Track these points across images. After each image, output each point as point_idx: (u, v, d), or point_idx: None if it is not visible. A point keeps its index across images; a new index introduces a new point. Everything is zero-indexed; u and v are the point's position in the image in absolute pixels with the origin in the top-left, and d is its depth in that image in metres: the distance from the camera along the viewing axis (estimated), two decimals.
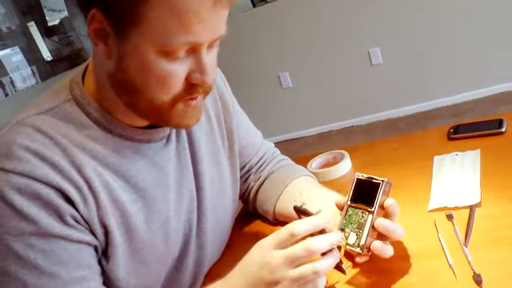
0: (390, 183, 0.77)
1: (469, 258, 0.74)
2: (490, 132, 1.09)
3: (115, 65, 0.70)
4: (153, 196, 0.80)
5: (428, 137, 1.23)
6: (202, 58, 0.70)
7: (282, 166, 1.09)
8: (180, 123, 0.75)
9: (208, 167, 0.92)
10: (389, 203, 0.76)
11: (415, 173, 1.06)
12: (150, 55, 0.67)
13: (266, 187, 1.06)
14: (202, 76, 0.70)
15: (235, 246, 1.04)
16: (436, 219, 0.86)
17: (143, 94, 0.70)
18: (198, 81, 0.70)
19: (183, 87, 0.70)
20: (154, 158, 0.81)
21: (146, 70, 0.68)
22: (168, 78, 0.68)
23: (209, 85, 0.73)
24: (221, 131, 0.96)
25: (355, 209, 0.79)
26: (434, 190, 0.95)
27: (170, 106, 0.71)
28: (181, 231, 0.86)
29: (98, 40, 0.69)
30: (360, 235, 0.76)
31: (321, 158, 1.28)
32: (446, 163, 1.04)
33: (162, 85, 0.69)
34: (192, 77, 0.70)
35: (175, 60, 0.68)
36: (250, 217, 1.12)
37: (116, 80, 0.72)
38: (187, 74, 0.70)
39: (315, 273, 0.66)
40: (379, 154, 1.24)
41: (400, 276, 0.77)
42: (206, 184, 0.91)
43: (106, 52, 0.69)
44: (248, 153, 1.06)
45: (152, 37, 0.65)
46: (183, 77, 0.70)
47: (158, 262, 0.83)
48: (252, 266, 0.69)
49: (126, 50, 0.68)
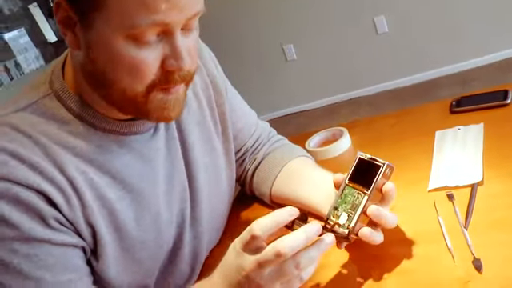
0: (391, 167, 0.74)
1: (469, 242, 0.71)
2: (495, 104, 1.05)
3: (84, 55, 0.66)
4: (141, 191, 0.77)
5: (430, 110, 1.18)
6: (175, 42, 0.65)
7: (278, 147, 1.05)
8: (160, 115, 0.70)
9: (200, 155, 0.88)
10: (388, 187, 0.73)
11: (416, 150, 1.02)
12: (117, 42, 0.62)
13: (261, 169, 1.03)
14: (177, 62, 0.65)
15: (233, 231, 1.00)
16: (436, 200, 0.83)
17: (115, 85, 0.66)
18: (173, 67, 0.66)
19: (158, 75, 0.66)
20: (142, 151, 0.77)
21: (115, 59, 0.64)
22: (139, 65, 0.64)
23: (187, 71, 0.68)
24: (213, 116, 0.92)
25: (352, 188, 0.75)
26: (435, 169, 0.91)
27: (145, 96, 0.67)
28: (173, 224, 0.83)
29: (66, 29, 0.65)
30: (351, 217, 0.72)
31: (319, 135, 1.24)
32: (447, 139, 0.99)
33: (133, 74, 0.65)
34: (167, 63, 0.66)
35: (146, 45, 0.63)
36: (247, 200, 1.09)
37: (87, 72, 0.68)
38: (161, 60, 0.65)
39: (278, 255, 0.61)
40: (379, 130, 1.19)
41: (395, 262, 0.74)
42: (198, 173, 0.87)
43: (74, 42, 0.65)
44: (243, 136, 1.02)
45: (116, 21, 0.61)
46: (157, 64, 0.65)
47: (151, 257, 0.80)
48: (231, 270, 0.67)
49: (92, 39, 0.64)
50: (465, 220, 0.75)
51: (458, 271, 0.67)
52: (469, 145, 0.94)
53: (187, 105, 0.86)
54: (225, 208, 0.99)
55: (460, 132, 1.00)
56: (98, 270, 0.74)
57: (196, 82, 0.89)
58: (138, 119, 0.76)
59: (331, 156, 1.16)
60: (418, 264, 0.72)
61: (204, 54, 0.93)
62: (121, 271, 0.76)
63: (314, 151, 1.17)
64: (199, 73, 0.90)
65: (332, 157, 1.15)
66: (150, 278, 0.83)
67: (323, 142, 1.24)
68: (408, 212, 0.83)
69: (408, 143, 1.06)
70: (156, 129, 0.80)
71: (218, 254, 0.94)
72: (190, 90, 0.87)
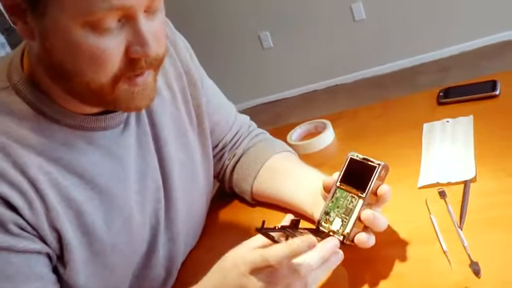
0: (386, 168, 0.69)
1: (465, 244, 0.67)
2: (483, 95, 1.01)
3: (39, 46, 0.60)
4: (111, 191, 0.71)
5: (416, 101, 1.14)
6: (138, 27, 0.59)
7: (259, 142, 1.00)
8: (129, 106, 0.65)
9: (175, 150, 0.83)
10: (383, 190, 0.69)
11: (403, 143, 0.99)
12: (74, 31, 0.57)
13: (241, 165, 0.98)
14: (142, 48, 0.60)
15: (211, 231, 0.96)
16: (427, 197, 0.79)
17: (77, 78, 0.60)
18: (138, 54, 0.60)
19: (123, 64, 0.61)
20: (111, 148, 0.72)
21: (74, 49, 0.58)
22: (101, 55, 0.58)
23: (155, 57, 0.63)
24: (187, 109, 0.87)
25: (344, 191, 0.70)
26: (425, 164, 0.88)
27: (111, 87, 0.62)
28: (147, 225, 0.78)
29: (16, 18, 0.59)
30: (346, 222, 0.68)
31: (301, 128, 1.20)
32: (436, 132, 0.96)
33: (95, 65, 0.59)
34: (131, 50, 0.60)
35: (106, 33, 0.58)
36: (226, 197, 1.04)
37: (45, 63, 0.62)
38: (125, 47, 0.60)
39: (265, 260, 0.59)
40: (364, 122, 1.16)
41: (387, 266, 0.70)
42: (173, 170, 0.82)
43: (26, 32, 0.59)
44: (221, 130, 0.97)
45: (70, 7, 0.55)
46: (120, 52, 0.60)
47: (124, 261, 0.75)
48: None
49: (46, 28, 0.57)
50: (459, 219, 0.72)
51: (454, 276, 0.64)
52: (459, 138, 0.91)
53: (160, 97, 0.81)
54: (202, 207, 0.94)
55: (449, 124, 0.97)
56: (66, 277, 0.69)
57: (169, 72, 0.84)
58: (107, 113, 0.70)
59: (314, 150, 1.11)
60: (411, 267, 0.68)
61: (178, 43, 0.87)
62: (90, 277, 0.71)
63: (296, 145, 1.12)
64: (172, 63, 0.85)
65: (315, 151, 1.11)
66: (122, 284, 0.78)
67: (305, 135, 1.19)
68: (399, 210, 0.79)
69: (395, 136, 1.03)
70: (126, 124, 0.75)
71: (196, 257, 0.90)
72: (163, 80, 0.82)
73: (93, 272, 0.71)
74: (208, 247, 0.93)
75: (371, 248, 0.72)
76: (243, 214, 0.97)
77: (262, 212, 0.95)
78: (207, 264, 0.86)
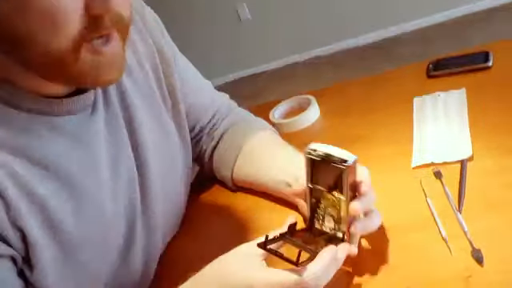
0: (353, 165, 0.60)
1: (465, 229, 0.63)
2: (475, 67, 0.97)
3: None
4: (80, 182, 0.65)
5: (404, 75, 1.10)
6: None
7: (238, 122, 0.95)
8: (97, 79, 0.59)
9: (150, 134, 0.78)
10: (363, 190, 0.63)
11: (393, 119, 0.95)
12: None
13: (220, 149, 0.93)
14: (104, 3, 0.53)
15: (192, 218, 0.91)
16: (422, 178, 0.75)
17: (32, 45, 0.53)
18: (99, 9, 0.54)
19: (83, 24, 0.53)
20: (78, 134, 0.66)
21: (24, 8, 0.51)
22: (56, 13, 0.51)
23: (119, 16, 0.56)
24: (161, 89, 0.81)
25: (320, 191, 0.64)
26: (418, 142, 0.83)
27: (73, 55, 0.55)
28: (122, 217, 0.73)
29: None
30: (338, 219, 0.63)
31: (284, 105, 1.15)
32: (427, 107, 0.92)
33: (50, 25, 0.52)
34: (92, 6, 0.53)
35: None
36: (207, 181, 0.99)
37: None
38: (84, 3, 0.53)
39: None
40: (350, 98, 1.11)
41: (382, 257, 0.65)
42: (148, 154, 0.77)
43: None
44: (197, 111, 0.91)
45: None
46: (78, 8, 0.53)
47: (98, 258, 0.70)
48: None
49: None
50: (457, 202, 0.68)
51: (455, 264, 0.60)
52: (452, 114, 0.86)
53: (131, 76, 0.75)
54: (182, 193, 0.89)
55: (440, 98, 0.93)
56: (33, 280, 0.63)
57: (140, 50, 0.78)
58: (74, 95, 0.64)
59: (299, 128, 1.07)
60: (408, 257, 0.64)
61: (148, 19, 0.80)
62: (62, 279, 0.65)
63: (279, 123, 1.07)
64: (143, 40, 0.79)
65: (300, 129, 1.06)
66: (98, 283, 0.72)
67: (289, 112, 1.15)
68: (392, 193, 0.75)
69: (384, 112, 0.98)
70: (94, 107, 0.68)
71: (177, 248, 0.85)
72: (134, 59, 0.77)
73: (64, 273, 0.65)
74: (188, 234, 0.88)
75: (365, 236, 0.69)
76: (226, 198, 0.93)
77: (245, 197, 0.90)
78: (190, 254, 0.83)
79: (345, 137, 0.94)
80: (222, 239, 0.82)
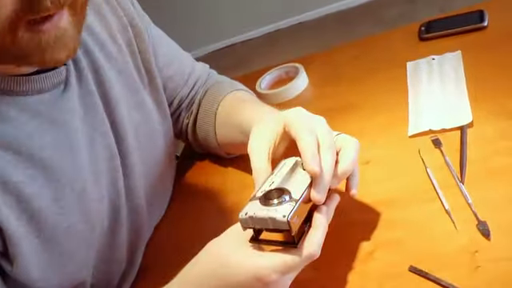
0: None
1: (469, 201, 0.60)
2: (470, 28, 0.93)
3: None
4: (58, 165, 0.61)
5: (396, 38, 1.05)
6: None
7: (211, 87, 0.91)
8: (43, 58, 0.53)
9: (128, 110, 0.74)
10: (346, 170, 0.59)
11: (386, 86, 0.90)
12: None
13: (199, 120, 0.89)
14: None
15: (181, 199, 0.87)
16: (420, 147, 0.71)
17: None
18: None
19: (18, 4, 0.47)
20: (51, 114, 0.61)
21: None
22: None
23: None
24: (136, 64, 0.77)
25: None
26: (413, 109, 0.80)
27: (10, 35, 0.49)
28: (105, 199, 0.69)
29: None
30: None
31: (271, 74, 1.10)
32: (422, 71, 0.88)
33: None
34: None
35: None
36: (195, 157, 0.96)
37: None
38: None
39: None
40: (340, 64, 1.06)
41: (381, 230, 0.62)
42: (128, 132, 0.73)
43: None
44: (175, 84, 0.87)
45: None
46: None
47: (83, 245, 0.66)
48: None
49: None
50: (459, 172, 0.65)
51: (460, 238, 0.57)
52: (448, 78, 0.83)
53: (105, 51, 0.71)
54: (166, 172, 0.86)
55: (435, 62, 0.89)
56: (15, 275, 0.59)
57: (111, 23, 0.74)
58: (40, 73, 0.59)
59: (287, 98, 1.02)
60: (410, 231, 0.61)
61: None
62: (45, 270, 0.61)
63: (266, 94, 1.03)
64: (114, 12, 0.74)
65: (288, 99, 1.02)
66: (85, 272, 0.68)
67: (276, 81, 1.10)
68: (389, 164, 0.72)
69: (375, 78, 0.94)
70: (67, 84, 0.63)
71: (167, 231, 0.81)
72: (106, 33, 0.72)
73: (47, 263, 0.61)
74: (177, 214, 0.84)
75: (361, 211, 0.66)
76: (216, 174, 0.89)
77: (236, 172, 0.86)
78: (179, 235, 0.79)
79: (336, 106, 0.91)
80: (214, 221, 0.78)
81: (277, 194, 0.51)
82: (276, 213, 0.49)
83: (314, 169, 0.54)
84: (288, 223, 0.48)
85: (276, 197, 0.51)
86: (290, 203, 0.50)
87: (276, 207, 0.50)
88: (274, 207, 0.50)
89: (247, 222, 0.51)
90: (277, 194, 0.51)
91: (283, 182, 0.54)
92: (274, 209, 0.49)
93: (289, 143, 0.61)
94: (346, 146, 0.60)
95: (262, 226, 0.50)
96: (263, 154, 0.60)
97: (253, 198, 0.53)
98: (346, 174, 0.59)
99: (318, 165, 0.54)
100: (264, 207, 0.50)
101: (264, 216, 0.49)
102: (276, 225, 0.49)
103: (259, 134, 0.64)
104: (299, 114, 0.61)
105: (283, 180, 0.54)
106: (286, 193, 0.51)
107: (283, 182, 0.54)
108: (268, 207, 0.50)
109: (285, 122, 0.60)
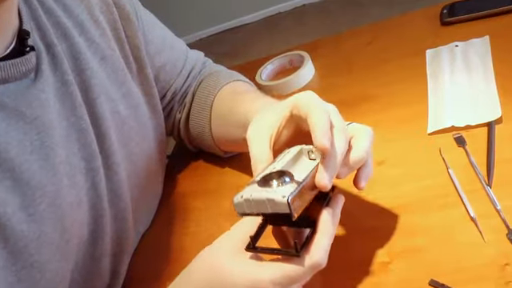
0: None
1: (497, 206, 0.60)
2: (499, 10, 0.93)
3: None
4: (26, 166, 0.60)
5: (414, 22, 1.05)
6: None
7: (206, 77, 0.91)
8: None
9: (113, 103, 0.73)
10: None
11: (403, 76, 0.91)
12: None
13: (193, 116, 0.89)
14: None
15: (170, 201, 0.88)
16: (441, 146, 0.71)
17: None
18: None
19: None
20: (18, 107, 0.60)
21: None
22: None
23: None
24: (123, 50, 0.77)
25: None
26: (434, 102, 0.79)
27: None
28: (84, 205, 0.68)
29: None
30: None
31: (272, 64, 1.11)
32: (443, 60, 0.88)
33: None
34: None
35: None
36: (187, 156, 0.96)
37: None
38: None
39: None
40: (351, 52, 1.07)
41: (396, 238, 0.62)
42: (111, 128, 0.73)
43: None
44: (168, 75, 0.87)
45: None
46: None
47: (58, 255, 0.65)
48: None
49: None
50: (486, 174, 0.64)
51: (488, 250, 0.56)
52: (474, 67, 0.83)
53: (85, 33, 0.71)
54: (155, 173, 0.86)
55: (458, 49, 0.89)
56: None
57: (92, 3, 0.73)
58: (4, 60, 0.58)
59: (292, 90, 1.03)
60: (430, 240, 0.60)
61: None
62: (13, 286, 0.60)
63: (268, 86, 1.04)
64: None
65: (293, 91, 1.02)
66: (62, 284, 0.68)
67: (279, 71, 1.11)
68: (406, 164, 0.72)
69: (391, 67, 0.95)
70: (38, 72, 0.63)
71: (155, 239, 0.81)
72: (86, 13, 0.72)
73: (16, 277, 0.60)
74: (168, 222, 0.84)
75: (375, 216, 0.66)
76: (211, 175, 0.90)
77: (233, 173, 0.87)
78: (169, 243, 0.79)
79: (345, 98, 0.91)
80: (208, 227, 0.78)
81: (277, 176, 0.50)
82: (275, 194, 0.47)
83: (324, 144, 0.52)
84: (288, 205, 0.46)
85: (276, 178, 0.50)
86: (291, 184, 0.49)
87: (276, 189, 0.49)
88: (273, 189, 0.49)
89: (242, 207, 0.50)
90: (277, 176, 0.50)
91: (285, 167, 0.53)
92: (274, 190, 0.48)
93: (294, 130, 0.61)
94: (358, 134, 0.60)
95: (259, 210, 0.49)
96: (264, 140, 0.60)
97: (250, 182, 0.52)
98: (357, 164, 0.58)
99: (329, 140, 0.53)
100: (262, 189, 0.49)
101: (261, 197, 0.48)
102: (275, 208, 0.48)
103: (261, 119, 0.64)
104: (312, 95, 0.60)
105: (285, 166, 0.53)
106: (288, 174, 0.50)
107: (285, 167, 0.53)
108: (267, 188, 0.49)
109: (294, 103, 0.60)
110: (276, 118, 0.61)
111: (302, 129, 0.59)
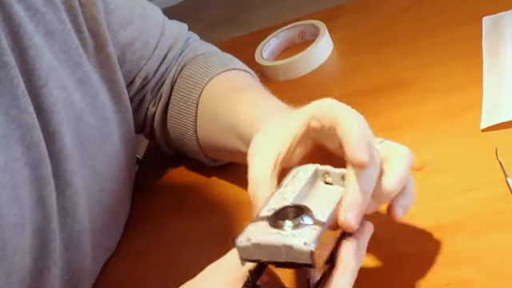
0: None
1: None
2: None
3: None
4: None
5: None
6: None
7: (190, 61, 0.93)
8: None
9: (63, 92, 0.76)
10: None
11: (450, 53, 0.93)
12: None
13: (172, 111, 0.92)
14: None
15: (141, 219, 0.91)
16: (498, 146, 0.73)
17: None
18: None
19: None
20: None
21: None
22: None
23: None
24: (76, 24, 0.79)
25: None
26: (490, 91, 0.82)
27: None
28: (27, 227, 0.71)
29: None
30: None
31: (277, 37, 1.14)
32: (505, 32, 0.90)
33: None
34: None
35: None
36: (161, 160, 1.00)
37: None
38: None
39: None
40: (382, 21, 1.10)
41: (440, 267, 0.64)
42: (63, 124, 0.75)
43: None
44: (136, 55, 0.90)
45: None
46: None
47: None
48: None
49: None
50: None
51: None
52: None
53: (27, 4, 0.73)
54: (122, 182, 0.89)
55: None
56: None
57: None
58: None
59: (303, 72, 1.06)
60: (482, 270, 0.62)
61: None
62: None
63: (270, 67, 1.07)
64: None
65: (304, 74, 1.05)
66: None
67: (285, 47, 1.14)
68: (452, 171, 0.74)
69: (435, 42, 0.97)
70: None
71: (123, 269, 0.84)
72: None
73: None
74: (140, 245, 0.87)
75: (412, 239, 0.69)
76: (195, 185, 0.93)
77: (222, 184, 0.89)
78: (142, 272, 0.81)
79: (373, 84, 0.93)
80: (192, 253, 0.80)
81: (293, 214, 0.52)
82: (294, 239, 0.49)
83: (362, 158, 0.53)
84: (311, 255, 0.48)
85: (292, 217, 0.52)
86: (312, 227, 0.51)
87: (293, 231, 0.50)
88: (288, 231, 0.50)
89: (249, 252, 0.51)
90: (293, 214, 0.52)
91: (299, 197, 0.55)
92: (290, 233, 0.50)
93: (311, 148, 0.63)
94: (392, 156, 0.61)
95: (270, 257, 0.51)
96: (267, 159, 0.61)
97: (256, 219, 0.54)
98: (391, 194, 0.59)
99: (368, 152, 0.54)
100: (274, 230, 0.51)
101: (275, 243, 0.50)
102: (292, 256, 0.49)
103: (268, 131, 0.66)
104: (334, 100, 0.61)
105: (299, 196, 0.55)
106: (306, 212, 0.52)
107: (299, 197, 0.55)
108: (280, 231, 0.51)
109: (313, 112, 0.61)
110: (288, 133, 0.62)
111: (320, 146, 0.61)
